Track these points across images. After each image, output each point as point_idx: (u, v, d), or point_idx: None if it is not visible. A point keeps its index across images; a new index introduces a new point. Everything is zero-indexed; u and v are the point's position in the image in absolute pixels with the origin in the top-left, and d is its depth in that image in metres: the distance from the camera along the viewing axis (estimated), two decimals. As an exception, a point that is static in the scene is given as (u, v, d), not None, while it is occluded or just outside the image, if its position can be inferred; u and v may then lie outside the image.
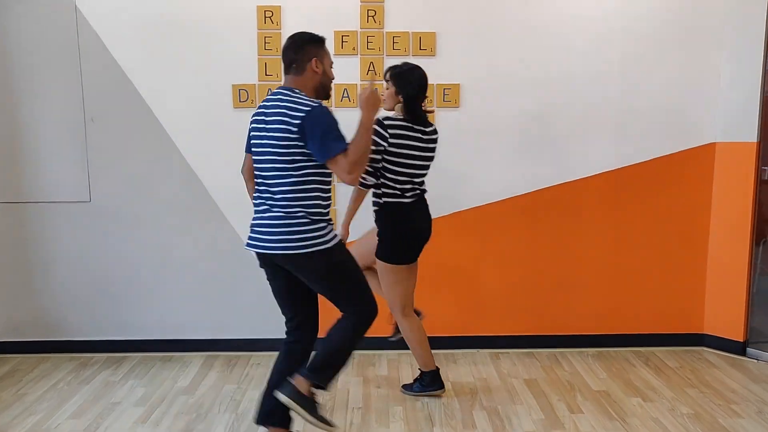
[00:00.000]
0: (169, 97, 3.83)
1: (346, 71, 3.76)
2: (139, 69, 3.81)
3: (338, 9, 3.75)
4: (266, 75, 3.80)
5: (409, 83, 3.05)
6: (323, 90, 2.73)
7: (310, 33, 2.71)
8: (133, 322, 4.05)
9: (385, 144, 2.99)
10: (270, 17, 3.74)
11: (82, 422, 3.18)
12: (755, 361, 3.87)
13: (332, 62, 2.76)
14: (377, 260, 3.21)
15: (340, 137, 2.53)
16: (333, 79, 2.76)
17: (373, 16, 3.74)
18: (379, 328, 3.97)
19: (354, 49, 3.76)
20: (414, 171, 3.09)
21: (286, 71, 2.70)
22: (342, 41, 3.76)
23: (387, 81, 3.10)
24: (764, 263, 5.06)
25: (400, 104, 3.08)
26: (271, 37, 3.77)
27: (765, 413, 3.20)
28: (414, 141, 3.05)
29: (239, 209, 3.94)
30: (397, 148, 3.02)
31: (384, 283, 3.26)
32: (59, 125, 3.86)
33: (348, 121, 3.32)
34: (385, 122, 3.00)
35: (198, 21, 3.76)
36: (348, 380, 3.65)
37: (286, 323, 2.90)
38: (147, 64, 3.80)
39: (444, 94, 3.79)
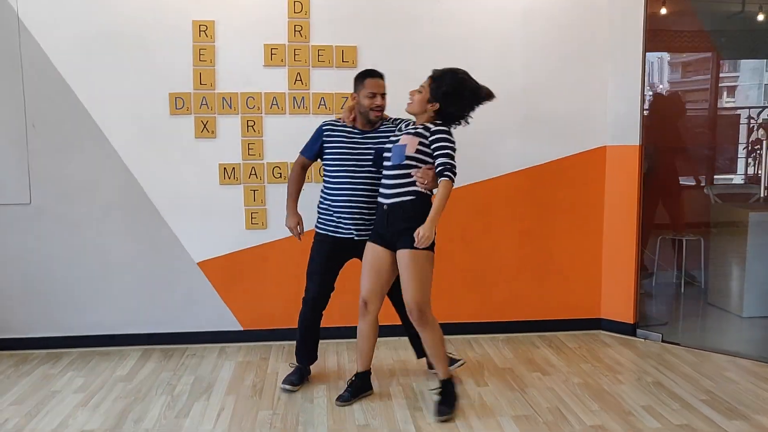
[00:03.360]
0: (109, 104, 4.08)
1: (274, 81, 4.13)
2: (80, 77, 4.04)
3: (268, 24, 4.09)
4: (201, 84, 4.10)
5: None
6: (361, 116, 3.45)
7: (361, 71, 3.50)
8: (72, 320, 4.24)
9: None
10: (204, 31, 4.05)
11: (24, 408, 3.37)
12: (643, 340, 4.35)
13: (371, 93, 3.37)
14: (414, 253, 3.11)
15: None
16: (370, 107, 3.39)
17: (299, 31, 4.09)
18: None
19: (282, 60, 4.11)
20: None
21: None
22: (271, 54, 4.10)
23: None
24: (661, 259, 5.64)
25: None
26: (205, 50, 4.07)
27: (643, 380, 3.67)
28: None
29: (176, 211, 4.20)
30: None
31: (423, 276, 3.15)
32: (0, 130, 4.05)
33: (275, 127, 3.71)
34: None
35: (137, 33, 4.03)
36: (278, 366, 3.94)
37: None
38: (87, 73, 4.04)
39: (365, 103, 4.16)
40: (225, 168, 4.17)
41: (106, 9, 4.01)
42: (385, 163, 3.25)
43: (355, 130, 3.49)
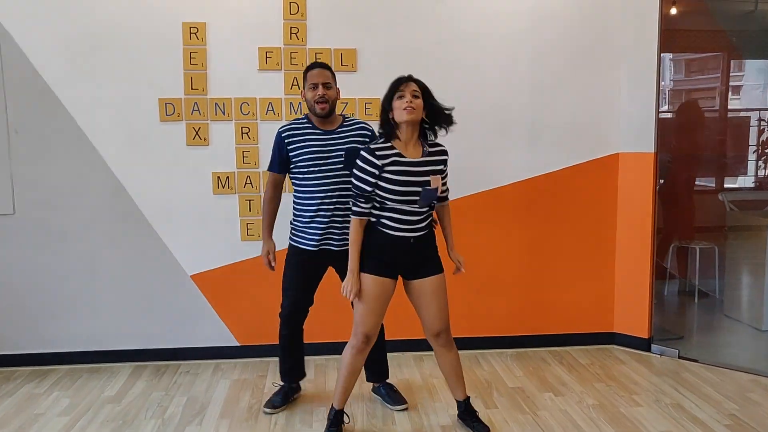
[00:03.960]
0: (95, 110, 3.88)
1: (270, 86, 3.92)
2: (64, 82, 3.84)
3: (262, 26, 3.89)
4: (192, 89, 3.90)
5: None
6: (313, 114, 3.22)
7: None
8: (59, 335, 4.05)
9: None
10: (195, 33, 3.85)
11: (3, 434, 3.19)
12: (658, 356, 4.14)
13: (312, 84, 3.15)
14: (444, 278, 3.04)
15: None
16: (313, 99, 3.15)
17: (296, 33, 3.89)
18: (306, 334, 4.11)
19: (278, 64, 3.90)
20: None
21: None
22: (266, 57, 3.89)
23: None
24: (673, 267, 5.44)
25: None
26: (196, 53, 3.87)
27: (662, 401, 3.46)
28: None
29: (168, 222, 4.00)
30: None
31: (445, 297, 3.06)
32: (-18, 138, 3.86)
33: (271, 133, 3.49)
34: None
35: (124, 35, 3.83)
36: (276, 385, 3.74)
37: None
38: (72, 77, 3.84)
39: (365, 108, 3.96)
40: (219, 177, 3.97)
41: (91, 10, 3.80)
42: (408, 199, 2.85)
43: (318, 131, 3.21)
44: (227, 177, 3.97)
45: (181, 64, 3.88)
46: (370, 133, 3.25)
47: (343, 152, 3.18)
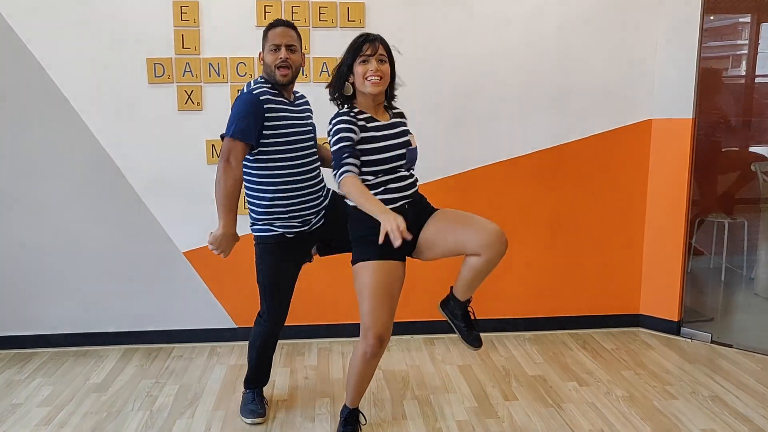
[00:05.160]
0: (77, 72, 3.53)
1: (268, 43, 3.55)
2: (42, 41, 3.49)
3: (260, -23, 3.52)
4: (183, 48, 3.54)
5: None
6: (271, 80, 2.72)
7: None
8: (42, 316, 3.76)
9: None
10: (186, -15, 3.48)
11: (-24, 427, 2.91)
12: (689, 340, 3.84)
13: (273, 46, 2.67)
14: (441, 210, 2.67)
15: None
16: (274, 64, 2.68)
17: (297, -15, 3.52)
18: (309, 315, 3.80)
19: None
20: None
21: None
22: (265, 12, 3.53)
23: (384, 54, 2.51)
24: (699, 243, 5.10)
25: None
26: (187, 7, 3.50)
27: (699, 393, 3.15)
28: None
29: (158, 194, 3.69)
30: None
31: (462, 214, 2.65)
32: (-47, 102, 3.52)
33: None
34: None
35: (106, -12, 3.47)
36: (275, 371, 3.44)
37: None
38: (51, 36, 3.48)
39: (374, 69, 3.59)
40: (213, 145, 3.64)
41: (71, -41, 3.43)
42: (394, 165, 2.51)
43: (286, 101, 2.75)
44: (222, 145, 3.63)
45: (171, 20, 3.51)
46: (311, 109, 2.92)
47: (309, 127, 2.83)
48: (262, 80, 2.74)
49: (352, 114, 2.47)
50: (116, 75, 3.55)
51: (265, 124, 2.65)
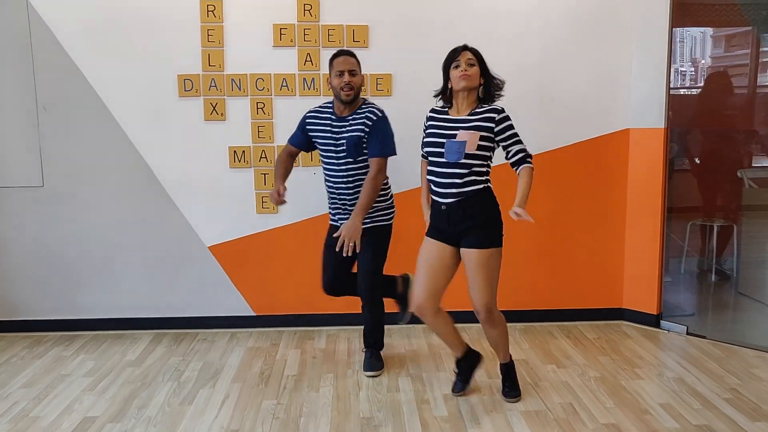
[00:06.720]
0: (118, 87, 4.03)
1: (283, 62, 4.02)
2: (89, 59, 3.99)
3: (276, 3, 3.97)
4: (209, 66, 4.01)
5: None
6: (337, 100, 3.39)
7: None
8: (85, 302, 4.25)
9: None
10: (212, 11, 3.95)
11: (33, 391, 3.39)
12: (667, 332, 4.17)
13: (338, 72, 3.29)
14: (483, 253, 2.96)
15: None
16: (339, 87, 3.29)
17: (309, 10, 3.96)
18: (320, 305, 4.21)
19: (291, 41, 3.99)
20: None
21: None
22: (280, 34, 3.98)
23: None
24: (690, 246, 5.41)
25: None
26: (213, 30, 3.98)
27: (664, 375, 3.50)
28: None
29: (186, 195, 4.15)
30: None
31: (491, 275, 3.00)
32: (12, 114, 4.04)
33: (286, 108, 3.66)
34: None
35: (144, 14, 3.95)
36: (287, 353, 3.89)
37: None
38: (96, 56, 3.99)
39: (377, 84, 4.03)
40: (235, 151, 4.10)
41: (114, -9, 3.94)
42: (436, 159, 2.94)
43: (333, 117, 3.43)
44: (243, 151, 4.09)
45: (199, 41, 3.99)
46: (375, 118, 3.35)
47: (345, 140, 3.36)
48: (330, 103, 3.46)
49: (430, 112, 3.09)
50: (151, 89, 4.04)
51: (309, 135, 3.51)
